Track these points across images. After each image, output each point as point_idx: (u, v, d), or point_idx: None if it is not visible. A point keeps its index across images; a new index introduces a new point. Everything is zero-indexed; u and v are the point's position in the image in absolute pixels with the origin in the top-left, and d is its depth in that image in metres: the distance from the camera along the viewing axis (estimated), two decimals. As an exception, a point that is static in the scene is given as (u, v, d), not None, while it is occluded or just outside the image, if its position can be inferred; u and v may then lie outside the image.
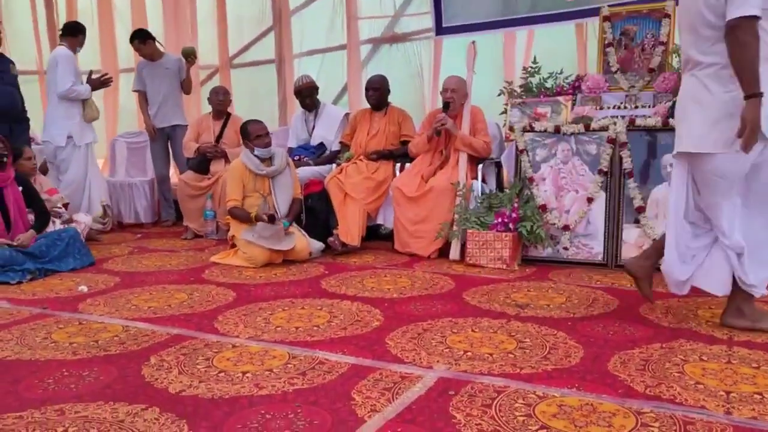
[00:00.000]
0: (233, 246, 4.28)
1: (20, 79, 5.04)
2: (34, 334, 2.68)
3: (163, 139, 5.77)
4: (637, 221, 3.77)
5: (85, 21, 7.04)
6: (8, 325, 2.83)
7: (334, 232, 4.45)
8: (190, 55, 5.65)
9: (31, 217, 4.09)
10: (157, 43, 5.74)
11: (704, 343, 2.42)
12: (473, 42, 4.51)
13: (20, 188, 4.02)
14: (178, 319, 2.88)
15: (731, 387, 2.01)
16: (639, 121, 3.81)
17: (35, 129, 5.56)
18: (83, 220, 4.76)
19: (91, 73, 5.20)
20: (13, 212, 3.92)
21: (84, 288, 3.48)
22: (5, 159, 3.92)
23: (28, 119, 5.01)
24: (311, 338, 2.57)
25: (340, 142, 5.08)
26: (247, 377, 2.16)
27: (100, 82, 5.21)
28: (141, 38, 5.67)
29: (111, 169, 6.34)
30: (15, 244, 3.82)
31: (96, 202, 5.21)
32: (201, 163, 5.27)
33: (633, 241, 3.77)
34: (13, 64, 4.96)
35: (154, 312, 3.01)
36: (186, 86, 5.79)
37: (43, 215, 4.14)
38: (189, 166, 5.35)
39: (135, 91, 5.93)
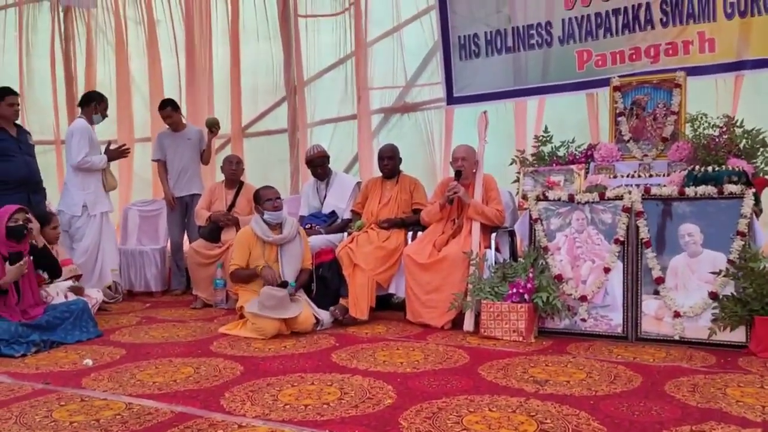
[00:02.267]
0: (242, 317, 4.20)
1: (38, 148, 5.12)
2: (34, 412, 2.58)
3: (181, 207, 5.79)
4: (656, 292, 3.66)
5: (104, 92, 7.28)
6: (8, 401, 2.74)
7: (341, 301, 4.37)
8: (214, 126, 5.76)
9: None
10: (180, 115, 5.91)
11: (736, 426, 2.28)
12: (485, 112, 4.55)
13: (31, 257, 4.00)
14: (183, 396, 2.77)
15: (771, 476, 1.87)
16: (654, 190, 3.76)
17: (50, 198, 5.60)
18: (95, 296, 4.71)
19: (109, 143, 5.28)
20: (23, 285, 3.88)
21: (89, 362, 3.40)
22: (25, 231, 3.92)
23: (44, 189, 5.05)
24: (321, 417, 2.46)
25: (352, 211, 5.06)
26: (253, 462, 2.04)
27: (118, 153, 5.27)
28: (174, 106, 5.82)
29: (123, 237, 6.34)
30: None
31: (107, 271, 5.17)
32: (212, 232, 5.26)
33: (653, 313, 3.65)
34: (30, 134, 5.04)
35: (159, 388, 2.91)
36: (205, 157, 5.85)
37: (56, 269, 4.17)
38: (200, 235, 5.34)
39: (155, 160, 5.98)
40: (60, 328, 3.90)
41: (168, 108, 5.80)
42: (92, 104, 5.30)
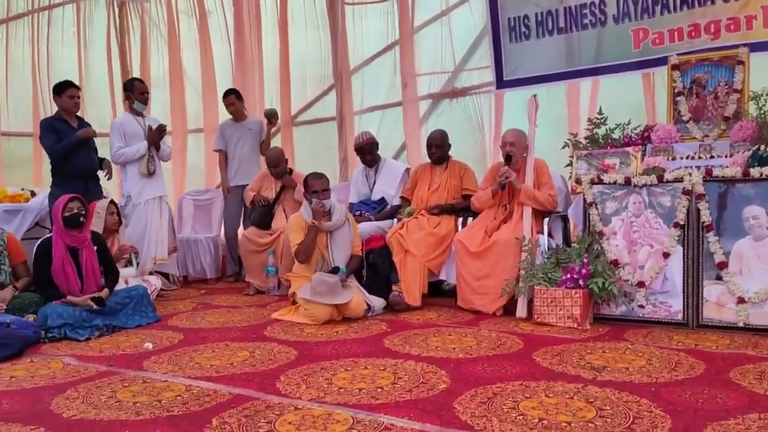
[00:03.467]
0: (294, 302, 4.25)
1: (97, 140, 5.22)
2: (100, 393, 2.67)
3: (238, 196, 5.88)
4: (719, 277, 3.53)
5: (158, 85, 7.47)
6: (76, 382, 2.85)
7: (395, 288, 4.37)
8: (272, 116, 5.84)
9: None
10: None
11: (809, 415, 2.19)
12: (534, 95, 4.45)
13: (95, 247, 4.13)
14: (240, 379, 2.83)
15: None
16: (716, 172, 3.61)
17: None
18: (154, 283, 4.85)
19: (150, 129, 5.33)
20: (86, 272, 4.02)
21: (149, 345, 3.50)
22: (82, 219, 4.05)
23: (98, 177, 5.18)
24: (375, 401, 2.47)
25: (401, 197, 5.05)
26: (310, 443, 2.07)
27: (157, 134, 5.29)
28: (237, 95, 5.93)
29: (178, 225, 6.49)
30: (99, 295, 3.91)
31: (149, 259, 5.28)
32: (262, 218, 5.33)
33: (715, 299, 3.52)
34: (90, 126, 5.18)
35: (217, 371, 2.97)
36: (264, 147, 5.89)
37: (112, 273, 4.23)
38: (251, 221, 5.42)
39: (217, 150, 6.09)
40: (121, 313, 4.04)
41: (232, 96, 5.91)
42: (126, 93, 5.41)
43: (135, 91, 5.30)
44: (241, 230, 5.83)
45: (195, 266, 6.10)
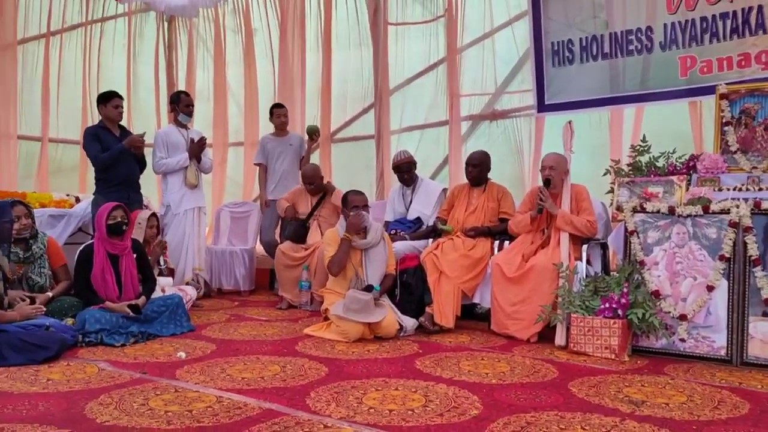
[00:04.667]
0: (326, 319, 4.24)
1: (145, 150, 5.30)
2: (132, 400, 2.70)
3: (276, 210, 5.94)
4: (765, 314, 3.40)
5: (202, 99, 7.64)
6: (110, 388, 2.88)
7: (427, 310, 4.33)
8: (314, 133, 5.91)
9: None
10: None
11: None
12: (570, 122, 4.39)
13: (134, 255, 4.20)
14: (270, 393, 2.82)
15: None
16: (765, 205, 3.50)
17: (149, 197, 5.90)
18: (190, 292, 4.91)
19: (192, 141, 5.42)
20: (125, 279, 4.09)
21: (183, 354, 3.53)
22: (125, 227, 4.13)
23: (139, 186, 5.28)
24: (405, 423, 2.43)
25: (437, 218, 5.02)
26: (339, 463, 2.04)
27: (198, 146, 5.37)
28: (284, 107, 6.04)
29: (215, 236, 6.59)
30: (136, 303, 3.97)
31: (189, 268, 5.35)
32: (297, 232, 5.37)
33: (761, 336, 3.39)
34: (131, 133, 5.29)
35: (248, 383, 2.98)
36: (304, 163, 5.93)
37: (150, 281, 4.30)
38: (286, 236, 5.45)
39: (257, 164, 6.17)
40: (156, 321, 4.09)
41: (285, 108, 6.04)
42: (172, 105, 5.52)
43: (181, 104, 5.42)
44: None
45: (228, 278, 6.15)
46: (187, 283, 5.20)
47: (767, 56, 4.42)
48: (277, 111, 6.04)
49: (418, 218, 5.17)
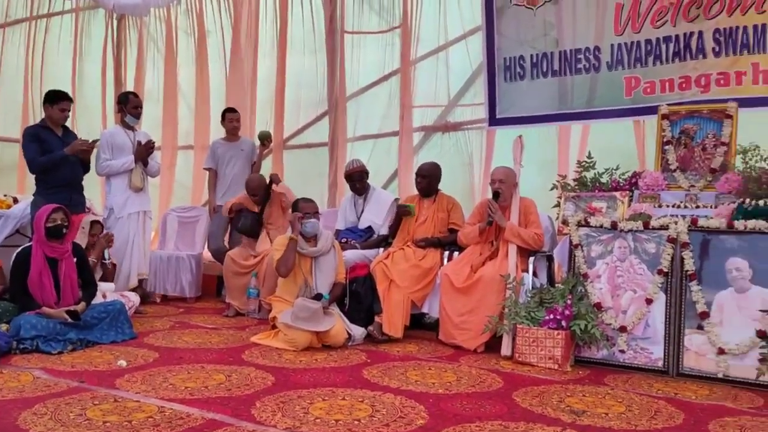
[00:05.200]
0: (274, 327, 4.20)
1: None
2: (69, 410, 2.60)
3: (225, 216, 5.84)
4: (700, 327, 3.54)
5: (151, 100, 7.46)
6: (45, 397, 2.77)
7: (376, 319, 4.34)
8: (266, 139, 5.83)
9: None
10: None
11: (787, 472, 2.18)
12: (520, 136, 4.49)
13: (75, 259, 4.07)
14: (214, 403, 2.77)
15: None
16: (701, 222, 3.65)
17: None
18: (132, 299, 4.77)
19: (138, 144, 5.29)
20: (63, 284, 3.95)
21: (123, 363, 3.43)
22: (65, 230, 3.99)
23: (82, 188, 5.12)
24: (352, 434, 2.43)
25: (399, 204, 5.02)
26: (283, 474, 2.02)
27: (145, 150, 5.23)
28: (237, 112, 5.95)
29: (161, 241, 6.43)
30: (75, 308, 3.83)
31: (134, 274, 5.20)
32: (253, 224, 5.28)
33: (696, 349, 3.53)
34: (76, 136, 5.13)
35: (191, 393, 2.91)
36: (255, 169, 5.87)
37: (90, 287, 4.16)
38: (240, 228, 5.31)
39: (207, 168, 6.06)
40: (97, 327, 3.97)
41: (238, 113, 5.97)
42: (120, 106, 5.36)
43: (129, 105, 5.28)
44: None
45: (174, 284, 5.99)
46: (132, 290, 5.06)
47: (707, 80, 4.63)
48: (229, 115, 5.96)
49: (370, 227, 5.18)
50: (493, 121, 5.56)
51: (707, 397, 3.15)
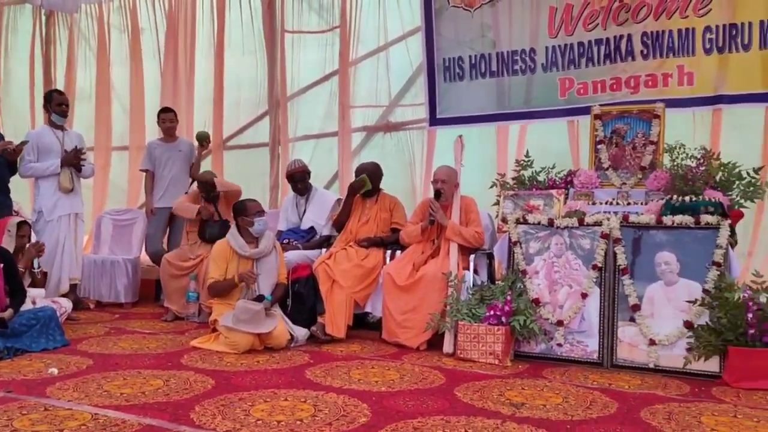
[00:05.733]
0: (214, 330, 4.11)
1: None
2: (-6, 421, 2.48)
3: (164, 217, 5.68)
4: (632, 319, 3.68)
5: (83, 99, 7.20)
6: (-33, 409, 2.63)
7: (319, 319, 4.32)
8: (204, 139, 5.68)
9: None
10: None
11: (712, 453, 2.28)
12: (460, 136, 4.56)
13: (1, 265, 3.87)
14: (151, 408, 2.69)
15: (747, 505, 1.86)
16: (632, 218, 3.80)
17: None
18: (64, 305, 4.57)
19: (65, 152, 5.06)
20: (-11, 288, 3.76)
21: (54, 370, 3.29)
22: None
23: (9, 190, 4.89)
24: (294, 434, 2.40)
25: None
26: (223, 478, 1.98)
27: (74, 157, 5.00)
28: (175, 113, 5.80)
29: (95, 245, 6.20)
30: (2, 316, 3.64)
31: (65, 278, 4.99)
32: (222, 233, 5.03)
33: (629, 340, 3.66)
34: (2, 137, 4.91)
35: (127, 399, 2.82)
36: (194, 170, 5.71)
37: (19, 293, 3.97)
38: (209, 238, 5.04)
39: (143, 170, 5.89)
40: (26, 335, 3.79)
41: (173, 113, 5.80)
42: (47, 105, 5.13)
43: (53, 103, 5.06)
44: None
45: (109, 289, 5.78)
46: (63, 296, 4.85)
47: (636, 81, 4.82)
48: (164, 116, 5.81)
49: (312, 228, 5.14)
50: (434, 120, 5.63)
51: (639, 386, 3.27)
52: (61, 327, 4.09)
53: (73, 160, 4.99)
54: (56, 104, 5.07)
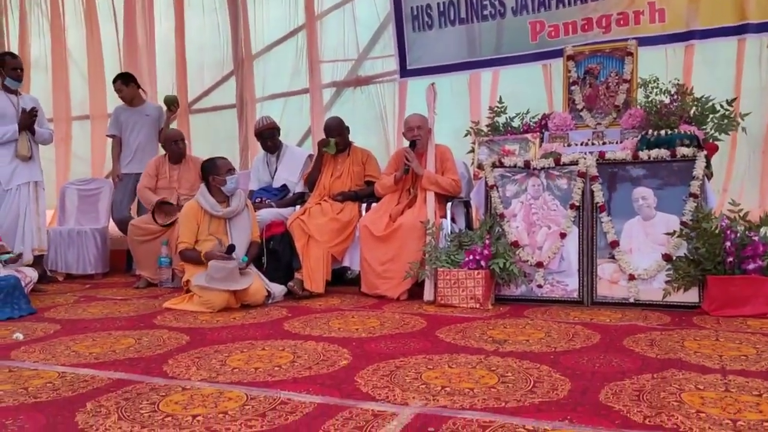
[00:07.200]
0: (188, 291, 4.00)
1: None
2: (-45, 383, 2.35)
3: (131, 183, 5.48)
4: (611, 256, 3.65)
5: (39, 68, 6.91)
6: (-74, 374, 2.50)
7: (296, 275, 4.22)
8: (173, 104, 5.49)
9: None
10: (140, 90, 5.66)
11: (697, 373, 2.26)
12: (432, 84, 4.44)
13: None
14: (122, 364, 2.58)
15: (736, 415, 1.83)
16: (609, 155, 3.75)
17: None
18: (29, 274, 4.40)
19: (23, 111, 4.84)
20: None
21: (20, 336, 3.15)
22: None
23: None
24: (272, 378, 2.32)
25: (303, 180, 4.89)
26: (198, 420, 1.89)
27: (29, 117, 4.75)
28: (123, 80, 5.57)
29: (60, 217, 6.00)
30: None
31: (28, 250, 4.81)
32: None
33: (608, 277, 3.64)
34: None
35: (96, 357, 2.71)
36: (163, 135, 5.54)
37: None
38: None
39: (110, 135, 5.69)
40: (-12, 303, 3.63)
41: (118, 82, 5.59)
42: None
43: (6, 67, 4.80)
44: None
45: (78, 261, 5.61)
46: (28, 266, 4.66)
47: (607, 21, 4.75)
48: (115, 87, 5.60)
49: (284, 186, 5.01)
50: (404, 72, 5.51)
51: (620, 319, 3.25)
52: (27, 296, 3.93)
53: (27, 120, 4.75)
54: (11, 68, 4.81)
